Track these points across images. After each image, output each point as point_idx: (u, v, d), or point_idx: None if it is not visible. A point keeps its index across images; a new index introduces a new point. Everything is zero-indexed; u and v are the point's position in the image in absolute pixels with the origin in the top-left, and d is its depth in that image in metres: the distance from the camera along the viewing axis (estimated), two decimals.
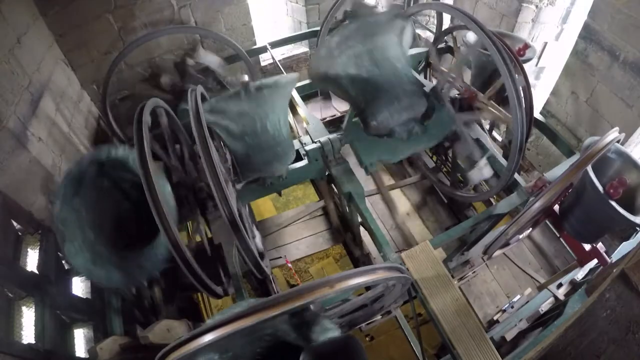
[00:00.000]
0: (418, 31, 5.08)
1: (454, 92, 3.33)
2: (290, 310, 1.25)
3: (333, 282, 1.32)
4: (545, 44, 4.83)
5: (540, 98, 4.57)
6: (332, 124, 5.08)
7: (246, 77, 2.49)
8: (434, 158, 4.77)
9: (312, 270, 6.84)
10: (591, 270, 3.36)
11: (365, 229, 3.38)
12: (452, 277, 2.61)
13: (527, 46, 3.25)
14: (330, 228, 4.36)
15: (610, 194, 2.38)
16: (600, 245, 2.93)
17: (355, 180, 3.17)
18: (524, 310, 3.20)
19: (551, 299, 3.25)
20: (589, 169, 2.41)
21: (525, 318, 3.12)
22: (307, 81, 4.41)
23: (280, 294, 1.27)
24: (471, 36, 3.49)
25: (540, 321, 3.03)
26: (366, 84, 2.85)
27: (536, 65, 5.08)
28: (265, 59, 5.73)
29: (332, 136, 3.21)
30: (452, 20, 4.53)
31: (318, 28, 4.47)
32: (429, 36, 5.27)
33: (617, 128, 2.56)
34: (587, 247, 2.96)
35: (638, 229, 2.96)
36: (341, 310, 1.85)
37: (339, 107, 5.37)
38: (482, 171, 3.11)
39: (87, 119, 4.30)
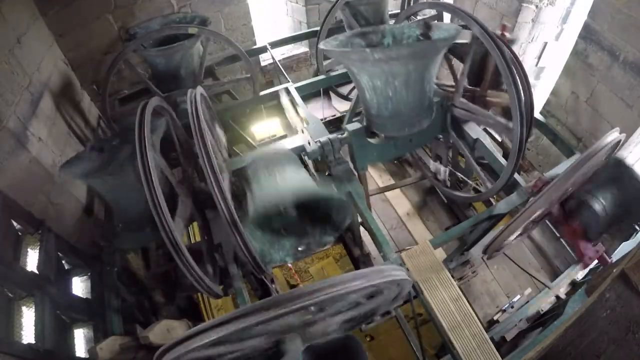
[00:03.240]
0: None
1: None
2: (294, 310, 1.24)
3: (335, 284, 1.31)
4: (545, 44, 4.83)
5: (540, 98, 4.57)
6: (332, 124, 5.06)
7: None
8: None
9: (312, 270, 6.83)
10: (591, 270, 3.35)
11: (365, 229, 3.37)
12: (452, 277, 2.60)
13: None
14: None
15: None
16: (600, 245, 2.93)
17: (355, 180, 3.17)
18: (524, 310, 3.20)
19: (551, 299, 3.24)
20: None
21: (525, 318, 3.11)
22: (307, 81, 4.40)
23: (292, 292, 1.26)
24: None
25: (540, 321, 3.03)
26: None
27: (536, 65, 5.08)
28: (265, 59, 5.73)
29: (332, 136, 3.20)
30: (452, 19, 4.53)
31: (318, 28, 4.46)
32: None
33: (617, 128, 2.55)
34: (588, 247, 2.95)
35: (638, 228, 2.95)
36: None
37: (339, 107, 5.37)
38: None
39: (87, 119, 4.29)
